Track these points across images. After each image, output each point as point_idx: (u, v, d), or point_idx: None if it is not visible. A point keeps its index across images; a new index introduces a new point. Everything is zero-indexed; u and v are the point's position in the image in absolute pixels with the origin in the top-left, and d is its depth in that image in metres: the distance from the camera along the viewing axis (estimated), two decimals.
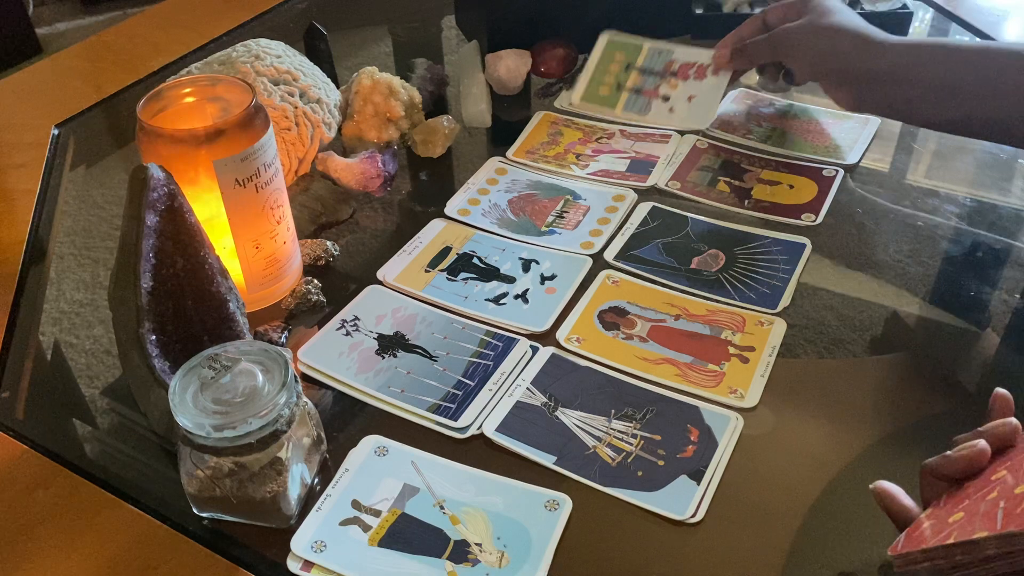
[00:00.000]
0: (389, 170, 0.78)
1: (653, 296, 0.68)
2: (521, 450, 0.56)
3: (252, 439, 0.48)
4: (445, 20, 1.09)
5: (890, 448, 0.56)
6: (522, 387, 0.61)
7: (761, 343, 0.63)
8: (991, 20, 1.03)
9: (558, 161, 0.83)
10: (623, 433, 0.58)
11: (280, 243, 0.66)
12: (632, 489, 0.54)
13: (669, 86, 0.87)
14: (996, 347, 0.64)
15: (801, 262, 0.70)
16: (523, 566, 0.50)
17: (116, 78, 0.99)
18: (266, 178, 0.62)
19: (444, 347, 0.64)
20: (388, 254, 0.72)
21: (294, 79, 0.76)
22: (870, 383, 0.61)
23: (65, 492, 0.56)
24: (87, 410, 0.62)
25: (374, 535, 0.52)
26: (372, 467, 0.56)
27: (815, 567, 0.50)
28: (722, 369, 0.62)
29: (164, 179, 0.56)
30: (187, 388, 0.49)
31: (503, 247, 0.73)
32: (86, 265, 0.75)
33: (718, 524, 0.52)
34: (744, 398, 0.59)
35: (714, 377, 0.61)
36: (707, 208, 0.77)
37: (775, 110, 0.89)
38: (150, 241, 0.55)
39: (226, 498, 0.51)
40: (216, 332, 0.59)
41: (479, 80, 0.91)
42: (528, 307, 0.67)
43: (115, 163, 0.89)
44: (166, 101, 0.63)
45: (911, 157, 0.83)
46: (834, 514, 0.52)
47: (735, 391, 0.60)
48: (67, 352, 0.66)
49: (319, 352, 0.64)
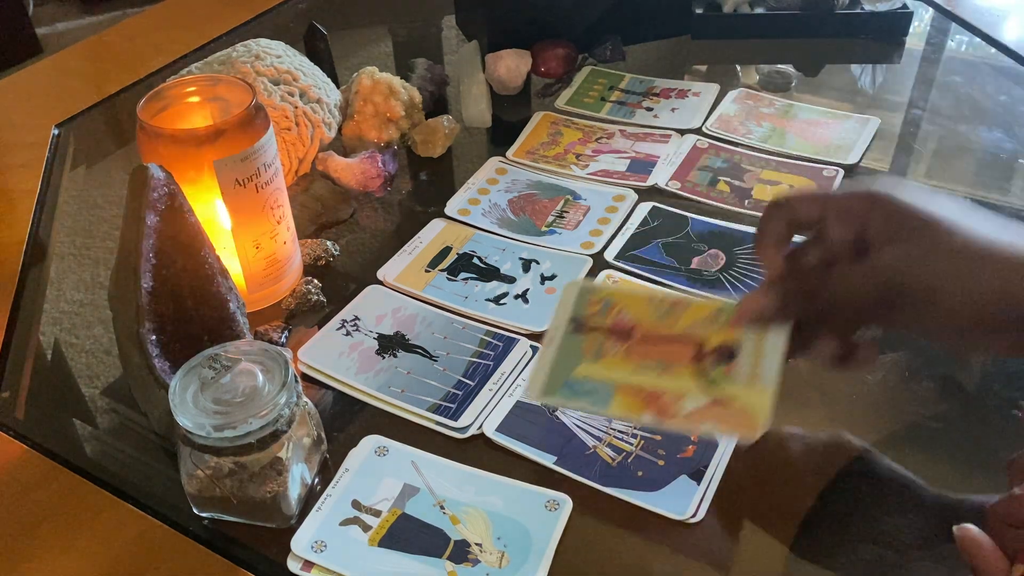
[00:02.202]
0: (389, 170, 0.78)
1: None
2: (521, 450, 0.56)
3: (252, 439, 0.48)
4: (445, 20, 1.09)
5: (890, 448, 0.56)
6: (523, 387, 0.60)
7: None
8: (991, 20, 1.03)
9: (558, 161, 0.83)
10: (623, 433, 0.58)
11: (280, 243, 0.66)
12: (632, 489, 0.54)
13: (651, 101, 0.90)
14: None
15: None
16: (523, 566, 0.50)
17: (116, 78, 0.99)
18: (266, 178, 0.62)
19: (444, 347, 0.64)
20: (388, 254, 0.72)
21: (294, 79, 0.76)
22: (870, 383, 0.60)
23: (65, 492, 0.56)
24: (87, 410, 0.62)
25: (374, 535, 0.52)
26: (372, 467, 0.56)
27: (815, 567, 0.50)
28: None
29: (164, 179, 0.56)
30: (187, 388, 0.49)
31: (503, 247, 0.73)
32: (86, 265, 0.74)
33: (718, 524, 0.52)
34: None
35: None
36: (707, 208, 0.77)
37: (775, 110, 0.89)
38: (150, 241, 0.55)
39: (226, 498, 0.51)
40: (216, 332, 0.59)
41: (479, 80, 0.91)
42: (528, 307, 0.67)
43: (115, 163, 0.89)
44: (166, 101, 0.63)
45: (911, 157, 0.83)
46: (834, 514, 0.52)
47: None
48: (67, 352, 0.66)
49: (319, 352, 0.64)
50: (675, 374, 0.51)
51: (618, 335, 0.53)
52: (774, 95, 0.91)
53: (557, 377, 0.52)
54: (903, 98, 0.92)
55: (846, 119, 0.87)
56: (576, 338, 0.54)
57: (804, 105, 0.89)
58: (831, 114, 0.88)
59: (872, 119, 0.86)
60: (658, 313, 0.54)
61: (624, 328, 0.54)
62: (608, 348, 0.53)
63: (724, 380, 0.50)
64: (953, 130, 0.86)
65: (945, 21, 1.04)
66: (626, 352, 0.52)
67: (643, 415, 0.50)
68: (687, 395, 0.50)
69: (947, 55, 1.00)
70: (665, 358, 0.52)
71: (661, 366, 0.51)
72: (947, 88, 0.93)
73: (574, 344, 0.53)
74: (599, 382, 0.51)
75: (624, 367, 0.52)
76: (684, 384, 0.50)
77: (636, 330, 0.53)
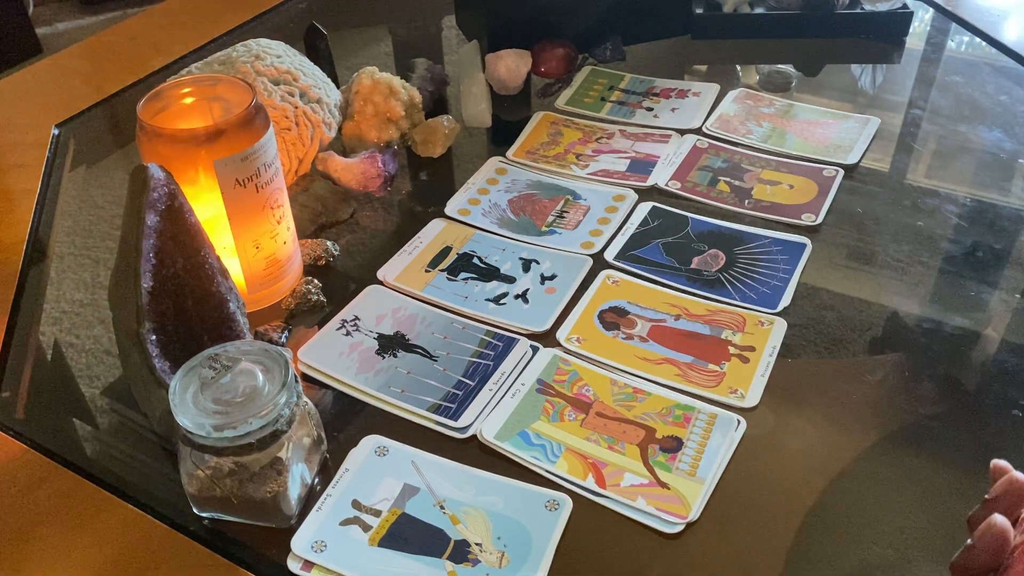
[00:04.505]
0: (389, 170, 0.78)
1: (653, 296, 0.68)
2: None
3: (252, 439, 0.48)
4: (445, 20, 1.09)
5: (890, 448, 0.56)
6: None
7: (761, 343, 0.63)
8: (991, 20, 1.03)
9: (558, 161, 0.83)
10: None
11: (280, 243, 0.66)
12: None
13: (652, 101, 0.90)
14: (996, 347, 0.64)
15: (801, 262, 0.70)
16: (523, 566, 0.50)
17: (116, 78, 0.99)
18: (266, 178, 0.62)
19: (444, 347, 0.64)
20: (388, 254, 0.72)
21: (294, 79, 0.76)
22: (870, 383, 0.61)
23: (65, 492, 0.56)
24: (87, 410, 0.62)
25: (374, 535, 0.52)
26: (372, 467, 0.56)
27: (815, 567, 0.50)
28: (722, 369, 0.62)
29: (164, 179, 0.56)
30: (187, 388, 0.49)
31: (503, 247, 0.73)
32: (86, 265, 0.74)
33: (718, 524, 0.52)
34: (744, 398, 0.59)
35: (714, 377, 0.61)
36: (707, 208, 0.77)
37: (775, 110, 0.89)
38: (150, 241, 0.55)
39: (226, 498, 0.51)
40: (216, 332, 0.59)
41: (479, 80, 0.91)
42: (528, 307, 0.67)
43: (115, 163, 0.89)
44: (166, 101, 0.63)
45: (911, 157, 0.83)
46: (834, 514, 0.52)
47: (735, 391, 0.60)
48: (67, 352, 0.66)
49: (319, 352, 0.64)
50: (622, 451, 0.56)
51: (577, 406, 0.59)
52: (774, 95, 0.91)
53: (513, 426, 0.58)
54: (903, 98, 0.92)
55: (846, 119, 0.87)
56: (539, 397, 0.60)
57: (804, 105, 0.89)
58: (831, 114, 0.88)
59: (872, 119, 0.86)
60: (619, 396, 0.59)
61: (585, 401, 0.59)
62: (566, 415, 0.58)
63: (666, 467, 0.55)
64: (953, 130, 0.86)
65: (945, 21, 1.04)
66: (581, 423, 0.58)
67: (586, 479, 0.54)
68: (630, 471, 0.55)
69: (947, 55, 1.00)
70: (616, 436, 0.57)
71: (611, 441, 0.57)
72: (947, 88, 0.93)
73: (536, 402, 0.59)
74: (551, 440, 0.57)
75: (577, 434, 0.57)
76: (629, 461, 0.55)
77: (595, 406, 0.59)
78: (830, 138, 0.84)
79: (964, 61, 0.99)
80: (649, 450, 0.56)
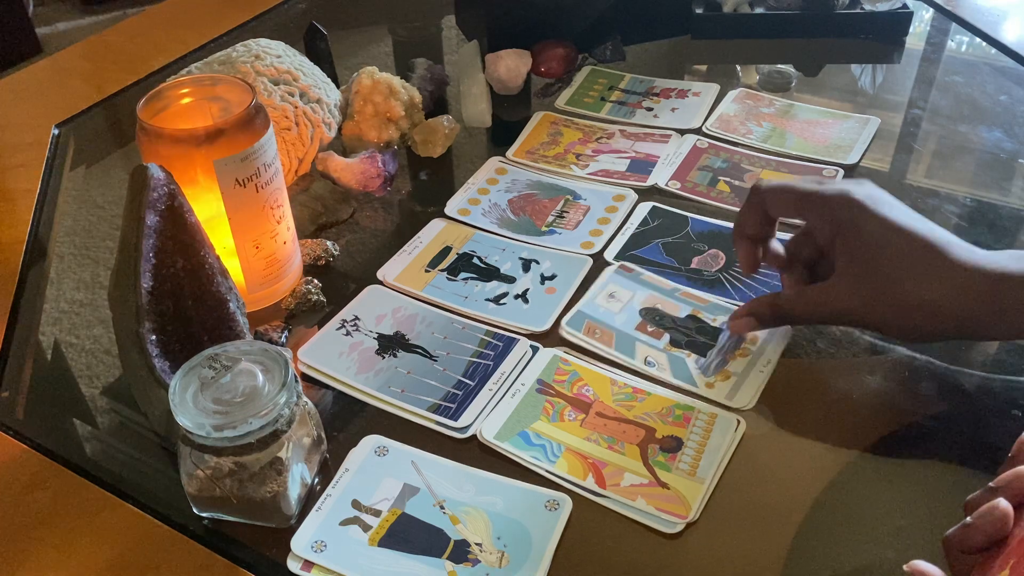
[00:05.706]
0: (389, 170, 0.78)
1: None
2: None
3: (252, 439, 0.48)
4: (445, 20, 1.09)
5: (890, 448, 0.56)
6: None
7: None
8: (991, 20, 1.03)
9: (558, 161, 0.83)
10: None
11: (280, 243, 0.66)
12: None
13: (652, 101, 0.90)
14: (996, 347, 0.63)
15: None
16: (523, 566, 0.50)
17: (116, 78, 0.99)
18: (266, 178, 0.62)
19: (444, 347, 0.64)
20: (388, 254, 0.72)
21: (294, 79, 0.76)
22: (870, 383, 0.60)
23: (65, 492, 0.56)
24: (87, 410, 0.62)
25: (374, 535, 0.52)
26: (372, 467, 0.56)
27: (815, 567, 0.50)
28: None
29: (164, 179, 0.56)
30: (187, 388, 0.49)
31: (503, 247, 0.73)
32: (86, 265, 0.74)
33: (718, 524, 0.52)
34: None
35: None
36: (707, 208, 0.77)
37: (775, 110, 0.89)
38: (150, 241, 0.55)
39: (226, 498, 0.51)
40: (216, 332, 0.59)
41: (479, 80, 0.91)
42: (528, 307, 0.67)
43: (115, 163, 0.89)
44: (166, 101, 0.63)
45: (911, 157, 0.83)
46: (834, 514, 0.52)
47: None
48: (67, 352, 0.66)
49: (319, 352, 0.64)
50: (622, 451, 0.56)
51: (577, 406, 0.59)
52: (774, 95, 0.91)
53: (513, 426, 0.58)
54: (903, 98, 0.92)
55: (846, 119, 0.87)
56: (539, 397, 0.60)
57: (804, 105, 0.89)
58: (831, 114, 0.88)
59: (872, 119, 0.86)
60: (618, 396, 0.59)
61: (584, 401, 0.59)
62: (566, 415, 0.58)
63: (666, 467, 0.55)
64: (953, 130, 0.86)
65: (945, 21, 1.04)
66: (581, 423, 0.58)
67: (586, 479, 0.54)
68: (630, 471, 0.55)
69: (947, 55, 1.00)
70: (616, 435, 0.57)
71: (611, 441, 0.57)
72: (947, 88, 0.93)
73: (536, 402, 0.59)
74: (551, 440, 0.57)
75: (577, 434, 0.57)
76: (629, 461, 0.55)
77: (595, 405, 0.59)
78: (830, 138, 0.84)
79: (964, 61, 0.99)
80: (649, 450, 0.56)
